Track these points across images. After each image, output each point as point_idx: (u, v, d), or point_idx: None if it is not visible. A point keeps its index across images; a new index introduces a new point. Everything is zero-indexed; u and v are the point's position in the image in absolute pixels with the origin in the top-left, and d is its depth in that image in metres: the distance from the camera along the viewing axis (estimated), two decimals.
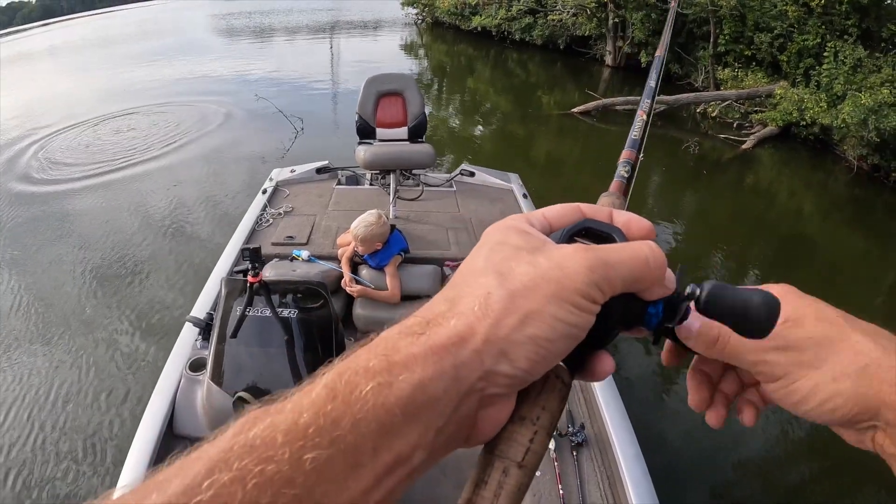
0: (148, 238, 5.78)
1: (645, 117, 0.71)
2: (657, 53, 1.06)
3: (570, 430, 2.26)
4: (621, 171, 0.56)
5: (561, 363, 0.36)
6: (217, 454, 0.26)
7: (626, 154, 0.60)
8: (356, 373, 0.28)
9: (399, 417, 0.28)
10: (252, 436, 0.27)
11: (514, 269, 0.32)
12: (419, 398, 0.28)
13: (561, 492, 2.06)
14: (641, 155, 0.64)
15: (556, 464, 2.13)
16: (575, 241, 0.37)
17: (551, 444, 2.11)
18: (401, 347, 0.30)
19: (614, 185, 0.53)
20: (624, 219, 0.38)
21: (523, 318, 0.31)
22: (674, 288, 0.38)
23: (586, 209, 0.39)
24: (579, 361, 0.37)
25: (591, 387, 2.40)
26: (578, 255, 0.32)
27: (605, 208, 0.39)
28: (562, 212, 0.38)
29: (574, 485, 2.08)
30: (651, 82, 0.87)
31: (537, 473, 2.03)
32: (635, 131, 0.67)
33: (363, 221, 2.90)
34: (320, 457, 0.26)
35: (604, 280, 0.32)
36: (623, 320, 0.37)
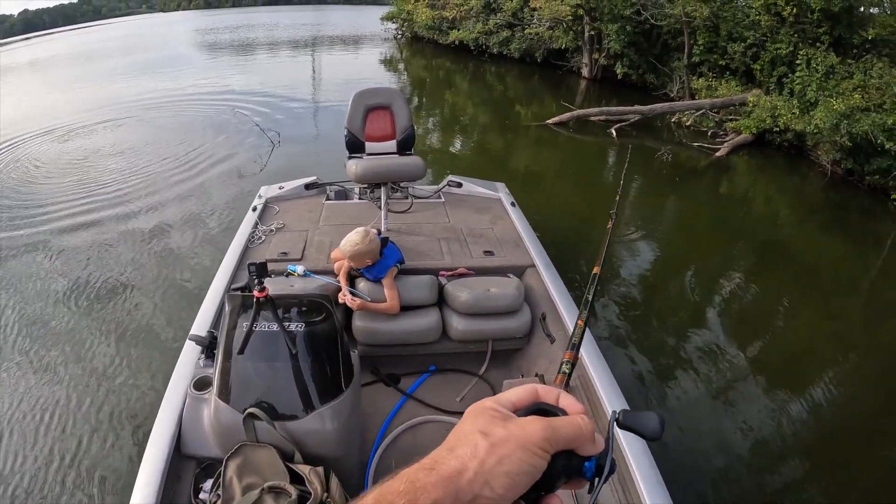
0: (132, 257, 5.51)
1: (583, 325, 0.84)
2: (594, 271, 1.17)
3: None
4: (564, 367, 0.69)
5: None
6: None
7: (567, 355, 0.72)
8: (393, 493, 0.44)
9: None
10: None
11: (493, 429, 0.48)
12: None
13: (573, 492, 2.07)
14: (580, 355, 0.77)
15: None
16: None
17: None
18: (420, 478, 0.45)
19: (558, 378, 0.67)
20: (566, 401, 0.55)
21: (500, 460, 0.46)
22: (602, 448, 0.53)
23: (541, 390, 0.55)
24: (536, 501, 0.50)
25: (594, 387, 2.44)
26: (536, 422, 0.49)
27: (554, 390, 0.56)
28: (523, 394, 0.54)
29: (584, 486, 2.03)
30: (588, 296, 0.99)
31: None
32: (575, 337, 0.80)
33: (349, 241, 2.89)
34: None
35: (552, 437, 0.49)
36: (567, 470, 0.51)
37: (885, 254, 6.61)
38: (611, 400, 2.38)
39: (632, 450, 2.10)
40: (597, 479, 0.53)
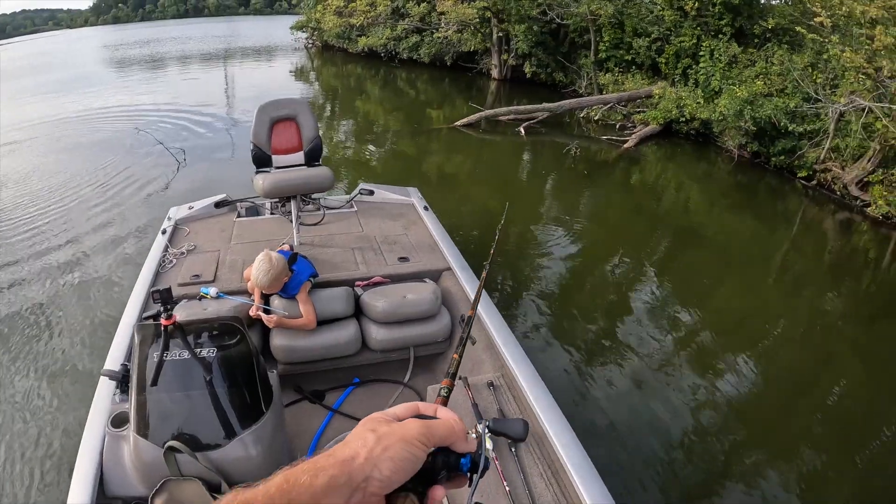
0: (34, 292, 4.90)
1: (458, 358, 0.86)
2: (469, 314, 1.07)
3: None
4: (442, 392, 0.73)
5: (413, 496, 0.55)
6: None
7: (444, 382, 0.76)
8: (298, 471, 0.51)
9: (320, 494, 0.50)
10: (243, 498, 0.49)
11: (379, 427, 0.56)
12: (331, 485, 0.50)
13: (507, 488, 2.04)
14: (455, 381, 0.79)
15: (496, 463, 2.11)
16: None
17: (489, 444, 2.16)
18: (320, 461, 0.52)
19: (437, 401, 0.70)
20: (443, 413, 0.62)
21: (385, 448, 0.53)
22: (475, 448, 0.60)
23: (421, 406, 0.63)
24: (423, 493, 0.57)
25: (518, 384, 2.44)
26: (415, 421, 0.58)
27: (433, 405, 0.63)
28: (405, 409, 0.62)
29: (518, 480, 2.07)
30: (464, 335, 0.94)
31: None
32: (451, 367, 0.82)
33: (259, 271, 2.75)
34: None
35: (428, 434, 0.56)
36: (445, 465, 0.58)
37: (795, 229, 6.49)
38: (538, 399, 2.36)
39: (563, 445, 2.11)
40: (474, 475, 0.59)
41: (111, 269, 5.20)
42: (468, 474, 0.59)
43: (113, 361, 2.57)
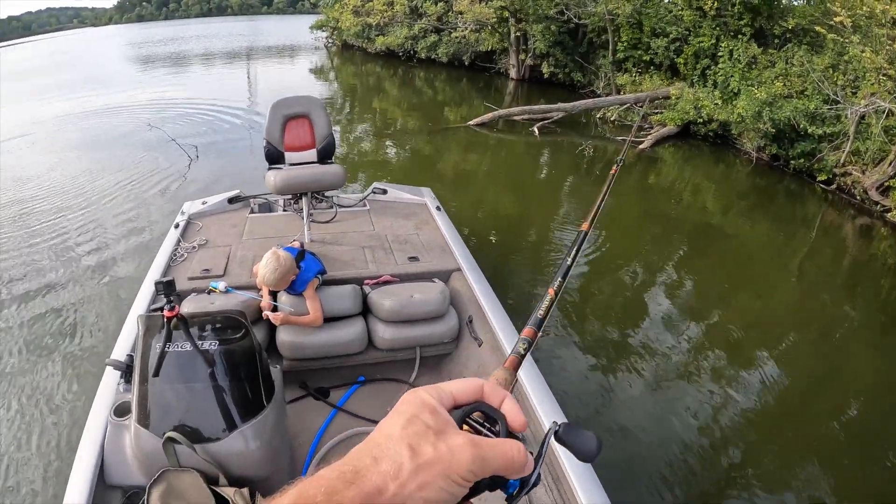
0: (53, 279, 5.04)
1: (553, 294, 0.75)
2: (583, 227, 1.00)
3: None
4: (519, 347, 0.63)
5: None
6: None
7: (526, 332, 0.65)
8: (311, 501, 0.42)
9: None
10: None
11: (421, 446, 0.45)
12: None
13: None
14: (541, 331, 0.67)
15: None
16: (470, 419, 0.50)
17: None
18: (339, 489, 0.43)
19: (510, 360, 0.62)
20: (509, 408, 0.52)
21: (421, 486, 0.44)
22: (530, 471, 0.50)
23: (487, 389, 0.52)
24: None
25: (523, 387, 2.39)
26: (466, 450, 0.46)
27: (500, 392, 0.52)
28: (467, 389, 0.52)
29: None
30: (568, 260, 0.85)
31: None
32: (540, 310, 0.70)
33: (266, 269, 2.77)
34: None
35: (479, 469, 0.46)
36: (490, 489, 0.49)
37: (814, 234, 6.41)
38: (542, 403, 2.31)
39: (563, 449, 1.84)
40: (518, 492, 0.51)
41: (120, 262, 5.30)
42: (510, 495, 0.51)
43: (119, 352, 2.61)
